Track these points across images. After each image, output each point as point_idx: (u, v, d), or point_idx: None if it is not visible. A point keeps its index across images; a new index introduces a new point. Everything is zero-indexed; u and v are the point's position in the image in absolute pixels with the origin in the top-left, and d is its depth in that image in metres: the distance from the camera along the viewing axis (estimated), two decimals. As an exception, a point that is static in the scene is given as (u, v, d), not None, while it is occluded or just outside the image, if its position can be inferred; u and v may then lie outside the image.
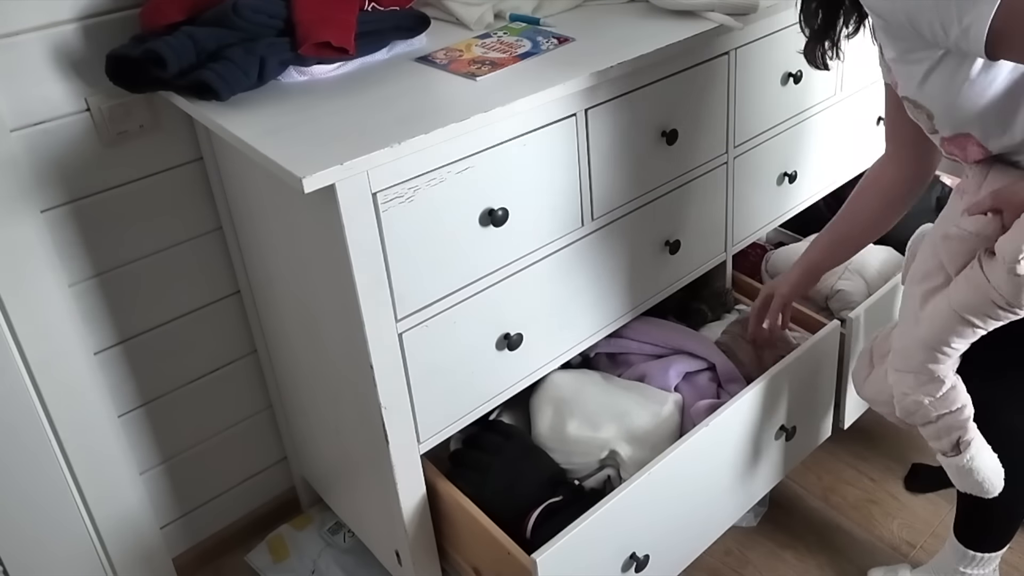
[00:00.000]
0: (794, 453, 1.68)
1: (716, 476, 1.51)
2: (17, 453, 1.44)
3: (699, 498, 1.49)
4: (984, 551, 1.51)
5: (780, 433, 1.58)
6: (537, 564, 1.20)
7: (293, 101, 1.26)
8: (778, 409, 1.56)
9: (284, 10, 1.28)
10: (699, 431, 1.41)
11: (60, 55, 1.32)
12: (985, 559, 1.52)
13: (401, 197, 1.17)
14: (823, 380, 1.67)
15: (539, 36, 1.43)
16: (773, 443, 1.59)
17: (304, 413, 1.68)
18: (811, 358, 1.60)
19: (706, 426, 1.42)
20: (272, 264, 1.48)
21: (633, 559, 1.37)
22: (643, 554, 1.38)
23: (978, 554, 1.51)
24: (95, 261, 1.47)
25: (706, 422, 1.42)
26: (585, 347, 1.55)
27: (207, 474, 1.76)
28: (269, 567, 1.76)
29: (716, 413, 1.44)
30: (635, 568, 1.37)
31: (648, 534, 1.39)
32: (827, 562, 1.73)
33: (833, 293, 1.76)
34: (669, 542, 1.45)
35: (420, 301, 1.26)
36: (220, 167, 1.49)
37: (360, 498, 1.59)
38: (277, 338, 1.63)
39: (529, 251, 1.37)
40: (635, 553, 1.37)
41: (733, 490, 1.56)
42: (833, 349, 1.65)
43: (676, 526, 1.46)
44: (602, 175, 1.42)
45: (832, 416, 1.74)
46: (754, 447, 1.55)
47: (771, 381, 1.51)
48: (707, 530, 1.57)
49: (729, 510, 1.60)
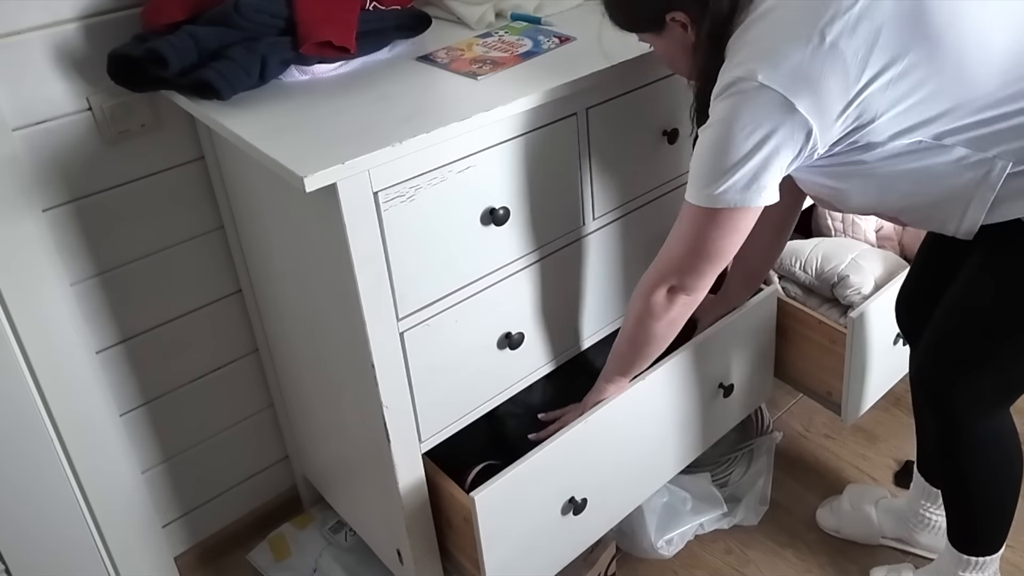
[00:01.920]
0: (735, 410, 1.74)
1: (654, 428, 1.56)
2: (19, 452, 1.44)
3: (637, 448, 1.54)
4: (979, 555, 1.51)
5: (719, 391, 1.63)
6: (475, 502, 1.27)
7: (294, 100, 1.26)
8: (716, 368, 1.60)
9: (286, 9, 1.28)
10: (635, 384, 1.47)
11: (62, 54, 1.32)
12: (982, 563, 1.52)
13: (402, 196, 1.17)
14: (761, 342, 1.73)
15: (540, 35, 1.43)
16: (713, 400, 1.64)
17: (305, 412, 1.68)
18: (747, 321, 1.66)
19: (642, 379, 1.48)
20: (273, 263, 1.48)
21: (572, 502, 1.42)
22: (581, 498, 1.42)
23: (974, 558, 1.51)
24: (97, 260, 1.47)
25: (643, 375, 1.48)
26: (587, 346, 1.55)
27: (209, 473, 1.77)
28: (271, 566, 1.76)
29: (651, 369, 1.48)
30: (573, 511, 1.42)
31: (586, 480, 1.45)
32: (828, 561, 1.73)
33: (839, 280, 1.77)
34: (607, 489, 1.51)
35: (421, 300, 1.26)
36: (221, 166, 1.50)
37: (361, 497, 1.59)
38: (278, 337, 1.63)
39: (530, 250, 1.37)
40: (574, 497, 1.42)
41: (674, 442, 1.62)
42: (770, 313, 1.72)
43: (614, 474, 1.51)
44: (603, 174, 1.42)
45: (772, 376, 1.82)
46: (693, 403, 1.60)
47: (706, 341, 1.56)
48: (648, 479, 1.62)
49: (670, 462, 1.65)
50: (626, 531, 1.71)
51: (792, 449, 1.97)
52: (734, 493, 1.84)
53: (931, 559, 1.66)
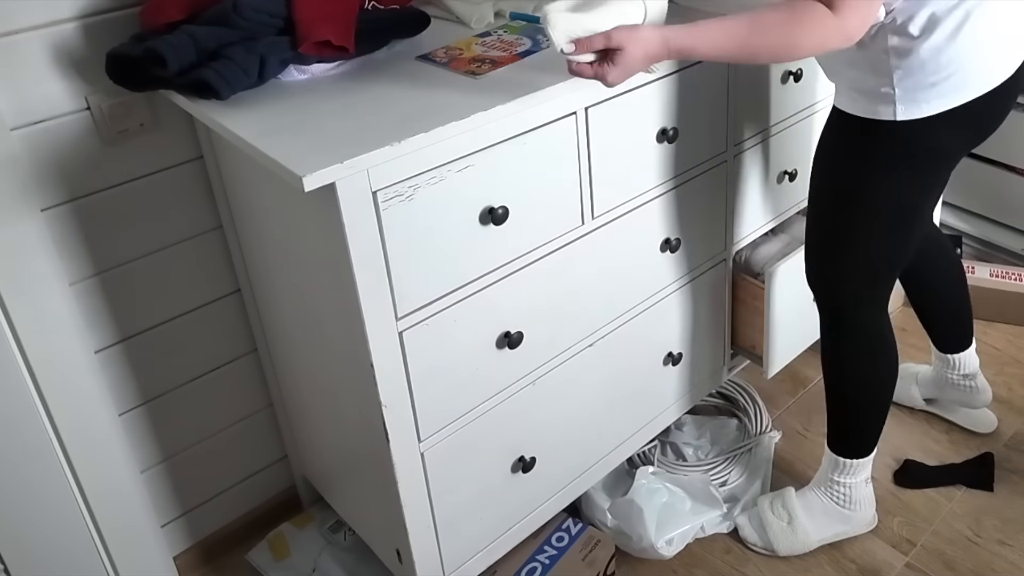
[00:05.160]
0: (686, 382, 1.80)
1: (602, 393, 1.59)
2: (18, 452, 1.44)
3: (585, 411, 1.58)
4: (851, 457, 1.66)
5: (667, 359, 1.64)
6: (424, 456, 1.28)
7: (293, 100, 1.26)
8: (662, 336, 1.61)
9: (284, 9, 1.28)
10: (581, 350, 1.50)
11: (60, 54, 1.32)
12: (853, 465, 1.67)
13: (401, 196, 1.17)
14: (711, 309, 1.77)
15: (539, 34, 1.43)
16: (661, 368, 1.66)
17: (304, 411, 1.68)
18: (695, 289, 1.69)
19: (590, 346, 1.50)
20: (272, 262, 1.48)
21: (521, 460, 1.44)
22: (530, 456, 1.44)
23: (845, 460, 1.67)
24: (95, 260, 1.47)
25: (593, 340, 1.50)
26: (586, 345, 1.55)
27: (208, 472, 1.77)
28: (270, 565, 1.76)
29: (602, 333, 1.51)
30: (523, 469, 1.44)
31: (535, 439, 1.47)
32: (828, 560, 1.73)
33: None
34: (557, 450, 1.54)
35: (420, 300, 1.26)
36: (220, 166, 1.50)
37: (361, 496, 1.59)
38: (277, 336, 1.63)
39: (529, 250, 1.37)
40: (523, 456, 1.44)
41: (623, 408, 1.66)
42: (721, 281, 1.76)
43: (564, 436, 1.55)
44: (602, 174, 1.42)
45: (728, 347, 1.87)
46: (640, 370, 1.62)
47: (657, 307, 1.59)
48: (597, 445, 1.66)
49: (622, 430, 1.70)
50: (626, 531, 1.71)
51: (791, 449, 1.97)
52: (734, 493, 1.84)
53: None
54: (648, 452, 1.90)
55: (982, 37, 1.25)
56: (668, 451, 1.93)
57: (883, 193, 1.39)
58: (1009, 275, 2.30)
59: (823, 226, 1.51)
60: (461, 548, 1.51)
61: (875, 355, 1.59)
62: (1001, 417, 1.98)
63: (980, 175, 2.42)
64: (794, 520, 1.72)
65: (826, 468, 1.71)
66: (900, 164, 1.35)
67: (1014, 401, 2.04)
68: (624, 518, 1.71)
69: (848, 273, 1.51)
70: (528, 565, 1.63)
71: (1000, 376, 2.11)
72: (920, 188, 1.40)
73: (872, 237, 1.45)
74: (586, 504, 1.78)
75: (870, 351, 1.58)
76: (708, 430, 1.98)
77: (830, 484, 1.71)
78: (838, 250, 1.50)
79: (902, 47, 1.26)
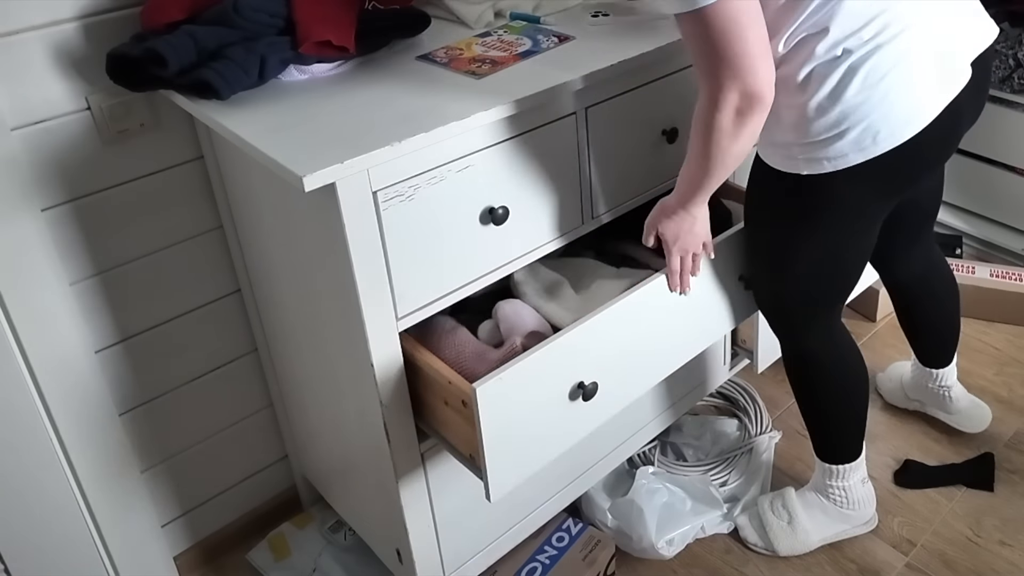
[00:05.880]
0: (687, 383, 1.81)
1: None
2: (18, 451, 1.44)
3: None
4: (841, 463, 1.67)
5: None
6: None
7: (293, 100, 1.26)
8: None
9: (284, 9, 1.28)
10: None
11: (61, 54, 1.32)
12: (846, 470, 1.67)
13: (401, 196, 1.17)
14: None
15: (539, 35, 1.43)
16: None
17: (305, 411, 1.68)
18: None
19: None
20: (272, 262, 1.48)
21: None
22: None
23: (835, 467, 1.67)
24: (96, 260, 1.47)
25: None
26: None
27: (208, 472, 1.77)
28: (270, 565, 1.76)
29: None
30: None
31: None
32: (827, 560, 1.73)
33: None
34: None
35: (420, 299, 1.26)
36: (220, 166, 1.50)
37: (361, 496, 1.59)
38: (278, 336, 1.63)
39: (529, 249, 1.37)
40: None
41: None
42: None
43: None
44: (602, 173, 1.42)
45: None
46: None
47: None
48: (598, 445, 1.66)
49: (622, 430, 1.70)
50: (626, 531, 1.71)
51: (792, 449, 1.97)
52: (734, 493, 1.84)
53: None
54: (648, 452, 1.91)
55: (873, 94, 1.18)
56: (668, 451, 1.93)
57: (802, 244, 1.37)
58: (1009, 275, 2.30)
59: (756, 264, 1.50)
60: (461, 548, 1.51)
61: (837, 368, 1.58)
62: (1001, 417, 1.98)
63: (980, 175, 2.43)
64: (794, 520, 1.72)
65: (819, 475, 1.71)
66: (812, 216, 1.32)
67: (1014, 401, 2.04)
68: (624, 518, 1.72)
69: (791, 307, 1.52)
70: (528, 565, 1.64)
71: (1000, 376, 2.11)
72: (837, 239, 1.36)
73: (800, 281, 1.44)
74: (586, 504, 1.78)
75: (831, 367, 1.58)
76: (708, 430, 1.98)
77: (826, 488, 1.71)
78: (775, 289, 1.50)
79: (791, 103, 1.21)
